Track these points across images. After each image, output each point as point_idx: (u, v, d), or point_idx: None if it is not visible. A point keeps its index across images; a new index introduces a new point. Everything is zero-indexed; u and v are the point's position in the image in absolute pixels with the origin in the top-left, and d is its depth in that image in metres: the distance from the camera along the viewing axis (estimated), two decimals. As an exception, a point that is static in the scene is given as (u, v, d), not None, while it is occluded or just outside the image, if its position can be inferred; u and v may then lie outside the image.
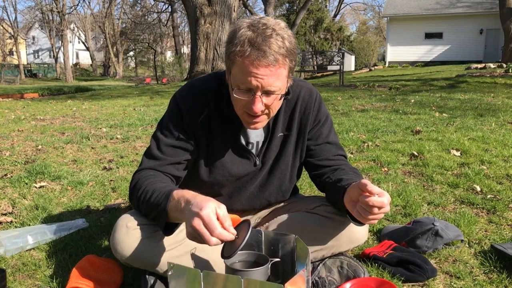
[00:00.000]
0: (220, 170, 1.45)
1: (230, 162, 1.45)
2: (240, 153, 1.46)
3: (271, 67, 1.20)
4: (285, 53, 1.21)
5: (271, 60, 1.19)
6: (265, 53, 1.18)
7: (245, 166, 1.47)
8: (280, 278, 1.29)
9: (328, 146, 1.52)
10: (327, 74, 20.60)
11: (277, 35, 1.20)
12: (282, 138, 1.48)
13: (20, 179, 2.74)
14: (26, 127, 4.87)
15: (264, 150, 1.47)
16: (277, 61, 1.20)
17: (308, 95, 1.47)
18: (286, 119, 1.47)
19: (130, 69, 48.22)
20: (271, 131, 1.45)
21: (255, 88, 1.23)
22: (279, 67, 1.22)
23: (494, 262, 1.55)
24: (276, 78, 1.22)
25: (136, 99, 8.61)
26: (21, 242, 1.75)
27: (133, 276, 1.48)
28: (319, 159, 1.52)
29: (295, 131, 1.48)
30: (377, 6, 64.35)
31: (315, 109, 1.49)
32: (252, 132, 1.46)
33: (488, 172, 2.66)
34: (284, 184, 1.54)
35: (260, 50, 1.18)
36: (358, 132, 4.08)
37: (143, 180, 1.34)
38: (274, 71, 1.21)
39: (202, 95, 1.41)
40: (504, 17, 16.23)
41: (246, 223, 1.15)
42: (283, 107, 1.44)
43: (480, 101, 6.16)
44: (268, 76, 1.21)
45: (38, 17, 40.58)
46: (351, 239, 1.43)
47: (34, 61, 48.77)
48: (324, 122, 1.52)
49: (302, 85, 1.48)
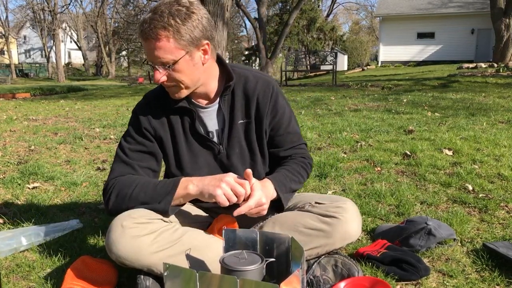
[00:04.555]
0: (188, 163, 1.52)
1: (194, 153, 1.52)
2: (202, 143, 1.53)
3: (153, 41, 1.31)
4: (166, 25, 1.30)
5: (152, 35, 1.30)
6: (148, 27, 1.30)
7: (210, 156, 1.54)
8: (275, 278, 1.30)
9: (290, 136, 1.59)
10: (320, 73, 20.64)
11: (162, 12, 1.30)
12: (244, 126, 1.54)
13: (13, 180, 2.72)
14: (18, 128, 4.84)
15: (226, 137, 1.53)
16: (158, 34, 1.30)
17: (265, 86, 1.53)
18: (243, 107, 1.53)
19: (122, 68, 47.99)
20: (229, 118, 1.52)
21: (151, 62, 1.36)
22: (161, 41, 1.31)
23: (486, 260, 1.57)
24: (163, 51, 1.32)
25: (129, 99, 8.59)
26: (14, 243, 1.74)
27: (128, 276, 1.48)
28: (282, 149, 1.58)
29: (253, 118, 1.54)
30: (369, 6, 64.61)
31: (272, 99, 1.54)
32: (208, 121, 1.53)
33: (480, 171, 2.69)
34: (256, 171, 1.57)
35: (144, 25, 1.31)
36: (351, 131, 4.10)
37: (131, 180, 1.44)
38: (158, 45, 1.31)
39: (154, 97, 1.53)
40: (495, 17, 16.34)
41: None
42: (240, 95, 1.51)
43: (472, 101, 6.21)
44: (154, 49, 1.32)
45: (29, 16, 40.21)
46: (344, 236, 1.44)
47: (25, 60, 48.36)
48: (283, 114, 1.57)
49: (260, 77, 1.55)
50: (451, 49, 23.68)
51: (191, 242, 1.36)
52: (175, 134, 1.51)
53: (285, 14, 28.48)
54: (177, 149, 1.52)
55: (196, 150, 1.53)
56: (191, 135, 1.52)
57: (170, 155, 1.53)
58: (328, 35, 32.01)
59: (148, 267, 1.32)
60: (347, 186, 2.53)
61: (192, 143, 1.52)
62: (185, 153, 1.52)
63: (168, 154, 1.53)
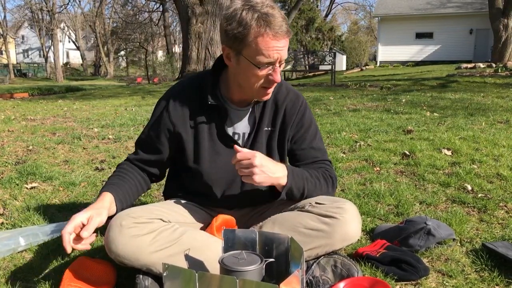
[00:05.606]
0: (207, 161, 1.51)
1: (216, 151, 1.51)
2: (226, 143, 1.51)
3: (287, 37, 1.32)
4: (287, 22, 1.33)
5: (285, 30, 1.30)
6: (280, 27, 1.29)
7: (231, 157, 1.50)
8: (274, 278, 1.29)
9: (312, 151, 1.58)
10: (319, 73, 20.64)
11: (273, 9, 1.31)
12: (268, 134, 1.55)
13: (11, 180, 2.71)
14: (16, 128, 4.83)
15: (250, 142, 1.53)
16: (288, 30, 1.32)
17: (295, 98, 1.56)
18: (271, 115, 1.54)
19: (121, 68, 47.96)
20: (257, 123, 1.52)
21: (275, 61, 1.32)
22: (289, 36, 1.33)
23: (485, 260, 1.57)
24: (287, 46, 1.35)
25: (127, 99, 8.57)
26: (12, 243, 1.73)
27: (127, 277, 1.48)
28: (303, 163, 1.57)
29: (278, 128, 1.54)
30: (368, 6, 64.68)
31: (300, 112, 1.55)
32: (239, 124, 1.52)
33: (479, 171, 2.69)
34: None
35: (275, 24, 1.28)
36: (350, 131, 4.10)
37: (115, 171, 1.61)
38: (288, 41, 1.34)
39: (187, 89, 1.52)
40: (494, 17, 16.38)
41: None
42: (270, 103, 1.52)
43: (471, 101, 6.22)
44: (285, 47, 1.33)
45: (27, 16, 40.20)
46: (344, 237, 1.44)
47: (23, 60, 48.28)
48: (308, 128, 1.57)
49: (291, 89, 1.57)
50: (450, 49, 23.72)
51: (190, 242, 1.36)
52: (198, 130, 1.50)
53: (283, 14, 28.44)
54: (198, 145, 1.51)
55: (219, 149, 1.52)
56: (217, 134, 1.51)
57: (189, 149, 1.52)
58: (326, 35, 32.01)
59: (147, 267, 1.32)
60: (346, 186, 2.53)
61: (216, 142, 1.51)
62: (206, 149, 1.51)
63: (187, 149, 1.52)
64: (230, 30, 1.31)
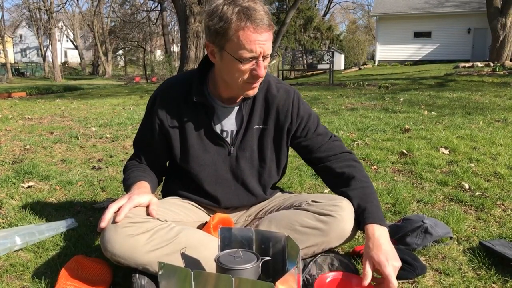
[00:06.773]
0: (195, 158, 1.51)
1: (203, 149, 1.51)
2: (214, 141, 1.51)
3: (269, 31, 1.30)
4: (270, 17, 1.31)
5: (266, 24, 1.28)
6: (261, 20, 1.27)
7: (219, 155, 1.52)
8: (271, 277, 1.29)
9: (319, 138, 1.58)
10: (317, 73, 20.65)
11: (255, 3, 1.29)
12: (260, 132, 1.53)
13: (8, 179, 2.70)
14: (13, 127, 4.81)
15: (239, 140, 1.52)
16: (270, 24, 1.30)
17: (285, 94, 1.54)
18: (262, 113, 1.53)
19: (119, 68, 47.87)
20: (247, 122, 1.51)
21: (258, 55, 1.30)
22: (271, 29, 1.31)
23: (482, 258, 1.57)
24: (270, 41, 1.32)
25: (125, 98, 8.56)
26: (8, 242, 1.72)
27: (123, 276, 1.47)
28: (317, 151, 1.57)
29: (272, 126, 1.53)
30: (366, 5, 64.69)
31: (295, 106, 1.54)
32: (226, 121, 1.51)
33: (476, 170, 2.69)
34: (263, 178, 1.58)
35: (255, 17, 1.26)
36: (348, 130, 4.10)
37: (128, 167, 1.59)
38: (271, 34, 1.31)
39: (173, 86, 1.52)
40: (491, 17, 16.41)
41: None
42: (261, 100, 1.51)
43: (468, 100, 6.23)
44: (267, 41, 1.30)
45: (25, 15, 40.04)
46: (341, 235, 1.44)
47: (21, 59, 48.17)
48: (308, 118, 1.57)
49: (281, 86, 1.56)
50: (448, 48, 23.74)
51: (186, 240, 1.35)
52: (186, 128, 1.49)
53: (282, 13, 28.47)
54: (185, 142, 1.51)
55: (206, 147, 1.51)
56: (204, 132, 1.50)
57: (176, 147, 1.52)
58: (325, 34, 32.05)
59: (143, 266, 1.31)
60: (343, 184, 2.52)
61: (204, 139, 1.51)
62: (194, 148, 1.51)
63: (174, 146, 1.52)
64: (211, 25, 1.30)
